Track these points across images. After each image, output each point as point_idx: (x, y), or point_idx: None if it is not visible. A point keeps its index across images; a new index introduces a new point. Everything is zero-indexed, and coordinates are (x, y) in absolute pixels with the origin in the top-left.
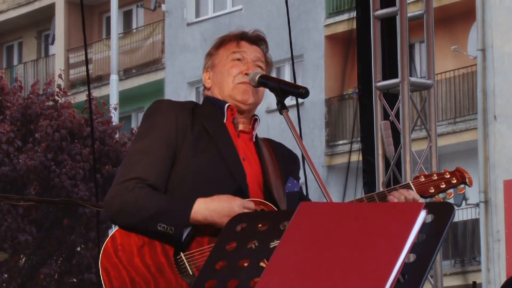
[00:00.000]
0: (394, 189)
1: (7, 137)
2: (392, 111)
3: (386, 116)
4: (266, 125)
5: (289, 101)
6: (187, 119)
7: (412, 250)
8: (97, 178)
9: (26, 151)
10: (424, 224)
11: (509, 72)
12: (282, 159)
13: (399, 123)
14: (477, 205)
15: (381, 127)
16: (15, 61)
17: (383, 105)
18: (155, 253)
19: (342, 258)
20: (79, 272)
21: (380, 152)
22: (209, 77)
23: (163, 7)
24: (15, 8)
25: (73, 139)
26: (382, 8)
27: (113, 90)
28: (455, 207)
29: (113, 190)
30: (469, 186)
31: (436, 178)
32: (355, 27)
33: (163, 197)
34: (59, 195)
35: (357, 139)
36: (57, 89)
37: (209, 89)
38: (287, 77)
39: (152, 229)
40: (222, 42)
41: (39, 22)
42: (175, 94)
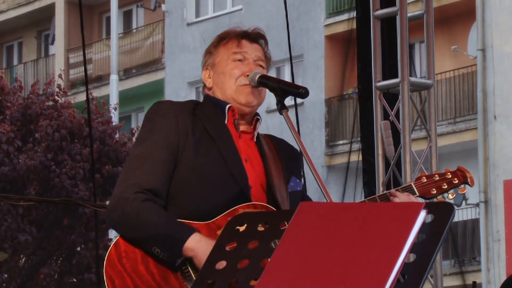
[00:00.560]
0: (397, 191)
1: (7, 137)
2: (392, 111)
3: (386, 116)
4: (266, 125)
5: (287, 101)
6: (188, 121)
7: (412, 250)
8: (97, 178)
9: (26, 151)
10: (424, 224)
11: (509, 72)
12: (284, 157)
13: (399, 123)
14: (477, 205)
15: (381, 127)
16: (15, 61)
17: (383, 105)
18: (160, 261)
19: (342, 258)
20: (79, 272)
21: (380, 152)
22: (209, 75)
23: (163, 7)
24: (15, 8)
25: (73, 139)
26: (382, 8)
27: (113, 90)
28: (455, 207)
29: (113, 198)
30: (470, 186)
31: (438, 178)
32: (355, 27)
33: (162, 218)
34: (59, 195)
35: (357, 139)
36: (57, 89)
37: (210, 88)
38: (287, 77)
39: (147, 250)
40: (221, 39)
41: (39, 22)
42: (175, 94)
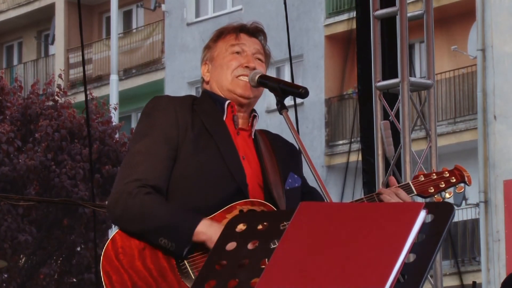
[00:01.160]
0: None
1: (7, 137)
2: (392, 111)
3: (386, 116)
4: (266, 125)
5: (287, 101)
6: (187, 116)
7: (412, 250)
8: (97, 178)
9: (26, 151)
10: (424, 224)
11: (509, 72)
12: (280, 154)
13: (399, 123)
14: (477, 205)
15: (381, 127)
16: (15, 61)
17: (383, 105)
18: (157, 257)
19: (342, 258)
20: (79, 272)
21: (380, 152)
22: (207, 70)
23: (163, 7)
24: (15, 8)
25: (73, 139)
26: (382, 8)
27: (113, 90)
28: (455, 207)
29: (115, 193)
30: (468, 185)
31: (435, 177)
32: (355, 27)
33: (168, 208)
34: (59, 195)
35: (357, 139)
36: (57, 89)
37: (208, 82)
38: (286, 77)
39: (154, 241)
40: (220, 34)
41: (39, 22)
42: (175, 94)
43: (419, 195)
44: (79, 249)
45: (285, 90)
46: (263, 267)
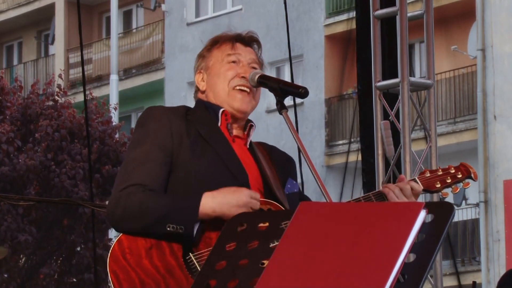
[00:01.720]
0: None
1: (7, 137)
2: (392, 111)
3: (386, 116)
4: (266, 125)
5: (287, 101)
6: (181, 125)
7: (412, 250)
8: (97, 178)
9: (26, 151)
10: (424, 224)
11: (509, 72)
12: (278, 162)
13: (399, 123)
14: (477, 205)
15: (381, 127)
16: (15, 61)
17: (383, 105)
18: (164, 255)
19: (342, 258)
20: (79, 272)
21: (380, 152)
22: (203, 79)
23: (163, 7)
24: (15, 8)
25: (73, 139)
26: (382, 8)
27: (113, 90)
28: (455, 207)
29: (113, 198)
30: (474, 180)
31: (441, 173)
32: (354, 27)
33: (167, 197)
34: (59, 195)
35: (356, 139)
36: (57, 89)
37: (203, 92)
38: (286, 77)
39: (161, 231)
40: (215, 43)
41: (39, 22)
42: (175, 94)
43: (426, 190)
44: (79, 249)
45: (285, 90)
46: (263, 267)
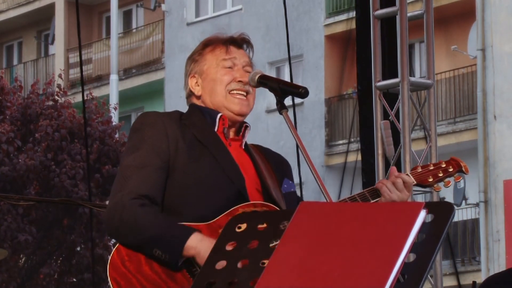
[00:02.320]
0: None
1: (7, 137)
2: (392, 111)
3: (386, 116)
4: (266, 125)
5: (286, 101)
6: (177, 130)
7: (412, 250)
8: (97, 178)
9: (26, 151)
10: (424, 223)
11: (509, 72)
12: (273, 163)
13: (399, 123)
14: (477, 205)
15: (381, 127)
16: (15, 61)
17: (383, 105)
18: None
19: (342, 258)
20: (79, 272)
21: (380, 152)
22: (197, 83)
23: (163, 7)
24: (15, 8)
25: (73, 139)
26: (382, 8)
27: (113, 90)
28: (455, 207)
29: (110, 207)
30: (465, 173)
31: (432, 168)
32: (354, 27)
33: (161, 220)
34: (59, 195)
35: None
36: (57, 89)
37: (199, 96)
38: (286, 77)
39: (148, 253)
40: (206, 46)
41: (39, 22)
42: (175, 94)
43: (419, 185)
44: (79, 249)
45: (285, 90)
46: (263, 267)
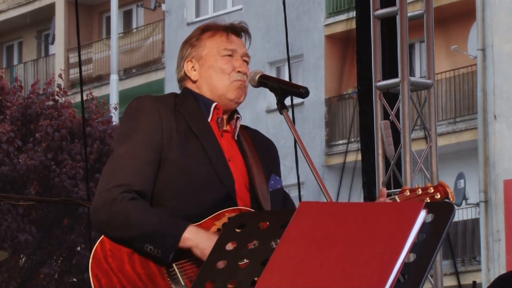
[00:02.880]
0: None
1: (7, 137)
2: (392, 111)
3: (386, 116)
4: (266, 124)
5: (286, 101)
6: (171, 119)
7: (412, 250)
8: (97, 178)
9: (26, 151)
10: (424, 224)
11: (509, 72)
12: (262, 154)
13: (399, 123)
14: (477, 205)
15: (381, 127)
16: (15, 61)
17: (383, 105)
18: (146, 262)
19: (342, 258)
20: (79, 272)
21: (380, 152)
22: (193, 68)
23: (163, 7)
24: (15, 8)
25: (73, 139)
26: (382, 7)
27: (113, 89)
28: (455, 207)
29: (99, 198)
30: (451, 201)
31: (420, 192)
32: (353, 27)
33: (153, 215)
34: (59, 195)
35: (357, 139)
36: (57, 89)
37: (195, 81)
38: (287, 77)
39: (139, 248)
40: (203, 31)
41: (39, 22)
42: None
43: None
44: (79, 248)
45: (286, 90)
46: (263, 267)
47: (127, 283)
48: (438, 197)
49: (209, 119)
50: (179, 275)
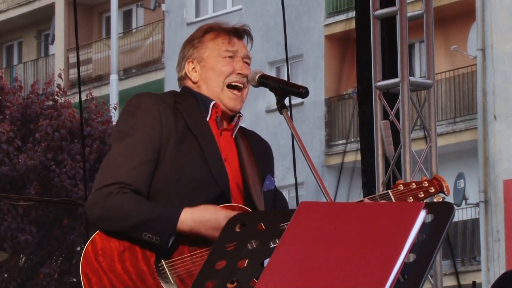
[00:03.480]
0: (374, 199)
1: (7, 137)
2: (392, 111)
3: (386, 116)
4: (266, 125)
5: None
6: (171, 118)
7: (412, 250)
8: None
9: (26, 151)
10: (424, 224)
11: (509, 72)
12: (258, 155)
13: (399, 123)
14: (477, 205)
15: (381, 127)
16: (15, 61)
17: (383, 105)
18: (136, 260)
19: (342, 258)
20: (79, 272)
21: (380, 152)
22: (194, 69)
23: (163, 7)
24: (15, 8)
25: (73, 139)
26: (382, 8)
27: (113, 89)
28: (455, 207)
29: (95, 194)
30: (446, 195)
31: (414, 187)
32: (354, 27)
33: (148, 204)
34: (59, 195)
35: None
36: (56, 89)
37: (195, 82)
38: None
39: (137, 237)
40: (206, 33)
41: (39, 22)
42: None
43: None
44: (79, 248)
45: (286, 89)
46: (263, 267)
47: (117, 282)
48: (432, 190)
49: (208, 118)
50: (168, 273)
